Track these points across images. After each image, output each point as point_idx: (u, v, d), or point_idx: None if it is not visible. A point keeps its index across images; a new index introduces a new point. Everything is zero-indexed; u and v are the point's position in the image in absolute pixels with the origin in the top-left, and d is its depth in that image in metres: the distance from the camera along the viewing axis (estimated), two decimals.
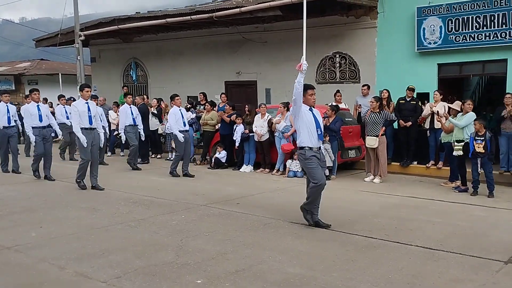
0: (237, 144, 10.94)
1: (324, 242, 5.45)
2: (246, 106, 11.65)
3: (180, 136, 9.94)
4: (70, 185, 8.90)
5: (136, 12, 16.00)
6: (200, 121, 12.11)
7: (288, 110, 10.43)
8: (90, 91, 8.80)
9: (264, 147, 10.71)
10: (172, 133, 10.28)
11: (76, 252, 5.10)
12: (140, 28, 14.94)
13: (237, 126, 10.94)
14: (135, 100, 13.50)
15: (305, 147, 6.01)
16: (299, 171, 10.08)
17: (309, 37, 12.98)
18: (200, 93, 13.55)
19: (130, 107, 11.37)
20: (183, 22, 13.69)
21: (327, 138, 9.69)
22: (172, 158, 12.58)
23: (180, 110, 10.29)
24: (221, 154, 11.31)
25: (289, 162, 10.21)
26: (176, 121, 10.08)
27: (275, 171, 10.47)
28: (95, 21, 16.33)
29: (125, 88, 16.51)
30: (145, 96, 13.94)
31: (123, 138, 11.38)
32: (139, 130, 11.30)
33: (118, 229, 6.02)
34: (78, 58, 16.36)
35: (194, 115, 12.35)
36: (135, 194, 8.07)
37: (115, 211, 6.96)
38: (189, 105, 12.71)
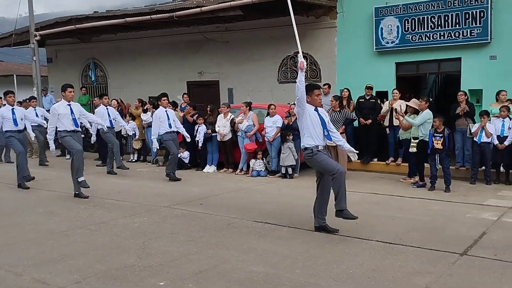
0: (199, 145, 10.88)
1: (287, 240, 5.49)
2: (208, 106, 11.60)
3: (156, 144, 9.95)
4: (27, 190, 8.63)
5: (94, 12, 15.67)
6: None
7: (250, 109, 10.46)
8: (73, 91, 8.20)
9: (227, 147, 10.70)
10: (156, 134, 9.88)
11: (34, 258, 4.95)
12: (99, 28, 14.62)
13: (199, 126, 10.88)
14: (94, 102, 13.23)
15: (309, 147, 5.66)
16: (263, 170, 10.13)
17: (270, 36, 13.26)
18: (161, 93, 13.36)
19: (107, 108, 11.00)
20: (142, 22, 13.49)
21: (291, 137, 9.78)
22: (134, 160, 12.42)
23: (166, 111, 9.83)
24: (184, 155, 11.21)
25: (252, 161, 10.24)
26: (161, 123, 9.65)
27: (238, 170, 10.47)
28: (51, 21, 15.86)
29: (100, 93, 16.03)
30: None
31: (93, 139, 10.72)
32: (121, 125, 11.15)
33: (78, 234, 5.88)
34: (34, 59, 15.86)
35: (149, 115, 12.13)
36: (95, 197, 7.89)
37: (74, 215, 6.80)
38: (147, 106, 12.53)
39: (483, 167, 8.95)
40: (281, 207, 7.20)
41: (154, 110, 12.40)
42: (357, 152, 6.41)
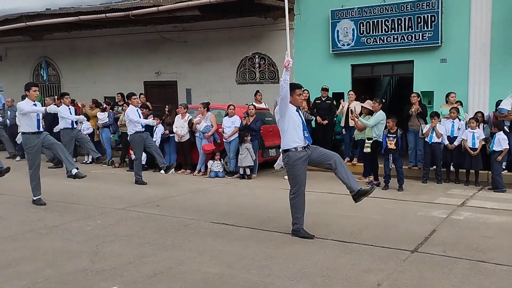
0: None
1: (244, 241, 5.49)
2: (166, 106, 11.47)
3: (148, 122, 9.51)
4: None
5: (47, 9, 15.19)
6: (118, 122, 11.72)
7: (208, 110, 10.41)
8: (38, 91, 7.71)
9: (185, 147, 10.60)
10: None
11: None
12: (51, 26, 14.19)
13: (156, 127, 10.72)
14: (46, 101, 12.82)
15: (290, 149, 5.45)
16: (221, 171, 10.10)
17: (228, 37, 13.26)
18: (117, 93, 13.11)
19: (69, 108, 10.53)
20: (97, 20, 13.20)
21: (249, 137, 9.79)
22: (89, 161, 12.10)
23: (137, 110, 9.50)
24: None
25: (210, 162, 10.18)
26: (133, 122, 9.29)
27: (196, 171, 10.40)
28: (1, 18, 15.24)
29: (61, 93, 15.46)
30: (55, 97, 13.26)
31: None
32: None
33: (28, 238, 5.67)
34: None
35: (106, 115, 11.88)
36: (46, 200, 7.60)
37: (24, 219, 6.55)
38: (105, 106, 12.25)
39: (435, 167, 9.26)
40: (238, 207, 7.20)
41: (111, 110, 12.17)
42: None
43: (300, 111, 5.67)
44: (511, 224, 6.15)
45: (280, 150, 5.74)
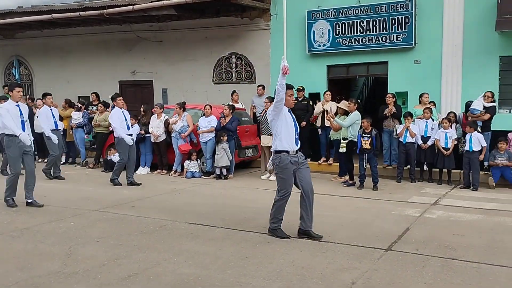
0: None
1: (220, 241, 5.47)
2: (142, 106, 11.35)
3: (129, 139, 9.04)
4: None
5: (19, 7, 14.84)
6: (93, 122, 11.55)
7: (184, 110, 10.34)
8: (22, 91, 7.44)
9: (161, 148, 10.52)
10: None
11: None
12: (23, 24, 13.88)
13: (132, 127, 10.57)
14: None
15: (282, 151, 5.45)
16: (197, 171, 10.05)
17: (205, 37, 13.20)
18: (92, 93, 12.93)
19: (51, 109, 10.20)
20: (71, 18, 12.97)
21: (225, 137, 9.77)
22: (62, 162, 11.87)
23: (122, 112, 9.18)
24: (115, 157, 10.86)
25: (186, 162, 10.13)
26: (120, 123, 9.08)
27: (172, 172, 10.33)
28: None
29: (43, 93, 15.10)
30: (27, 97, 12.99)
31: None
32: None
33: None
34: None
35: (80, 115, 11.69)
36: (17, 201, 7.44)
37: None
38: (80, 105, 12.06)
39: (409, 166, 9.40)
40: (214, 208, 7.17)
41: (86, 110, 11.98)
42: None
43: (291, 113, 5.62)
44: (482, 222, 6.29)
45: (271, 150, 5.70)
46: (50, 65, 15.51)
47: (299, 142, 5.62)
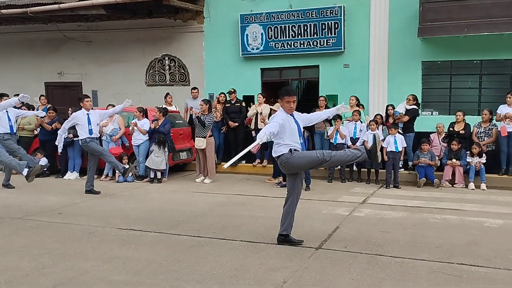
0: (59, 150, 10.13)
1: (152, 246, 5.37)
2: (70, 109, 10.91)
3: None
4: None
5: None
6: (16, 125, 10.90)
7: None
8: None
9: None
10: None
11: None
12: None
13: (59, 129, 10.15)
14: None
15: (284, 153, 5.09)
16: (130, 175, 9.79)
17: (137, 38, 12.95)
18: (15, 95, 12.23)
19: (7, 111, 9.41)
20: None
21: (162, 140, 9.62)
22: None
23: (88, 114, 8.45)
24: (41, 161, 10.35)
25: None
26: (80, 127, 8.43)
27: (103, 176, 10.01)
28: None
29: None
30: None
31: None
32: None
33: None
34: None
35: None
36: None
37: None
38: None
39: (339, 167, 9.71)
40: (148, 212, 7.03)
41: None
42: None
43: (294, 116, 5.26)
44: (406, 219, 6.62)
45: (274, 156, 5.32)
46: None
47: (304, 147, 5.33)
